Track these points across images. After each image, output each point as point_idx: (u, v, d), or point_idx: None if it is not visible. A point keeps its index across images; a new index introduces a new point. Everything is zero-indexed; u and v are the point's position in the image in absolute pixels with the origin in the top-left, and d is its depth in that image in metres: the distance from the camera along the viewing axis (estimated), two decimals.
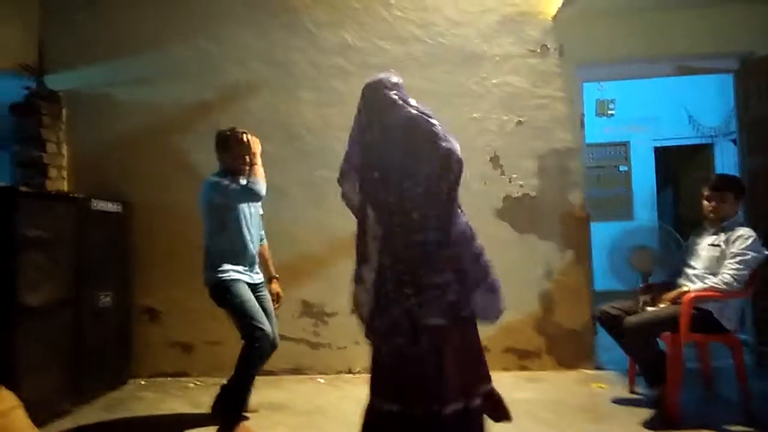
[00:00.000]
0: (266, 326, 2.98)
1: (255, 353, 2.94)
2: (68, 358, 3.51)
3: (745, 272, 3.02)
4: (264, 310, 3.10)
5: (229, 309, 3.06)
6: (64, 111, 4.45)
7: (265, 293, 3.28)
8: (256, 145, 3.12)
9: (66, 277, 3.52)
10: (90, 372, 3.69)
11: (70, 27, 4.48)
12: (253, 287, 3.18)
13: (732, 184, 3.30)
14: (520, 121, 4.23)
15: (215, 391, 3.20)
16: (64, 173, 4.42)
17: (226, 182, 3.05)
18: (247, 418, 3.07)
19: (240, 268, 3.12)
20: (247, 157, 3.10)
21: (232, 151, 3.15)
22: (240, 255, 3.13)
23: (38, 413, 3.07)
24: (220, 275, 3.05)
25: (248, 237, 3.17)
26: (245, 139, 3.13)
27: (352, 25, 4.35)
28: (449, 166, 1.96)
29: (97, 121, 4.45)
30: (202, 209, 3.13)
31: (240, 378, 2.97)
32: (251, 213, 3.22)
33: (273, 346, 3.09)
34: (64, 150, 4.43)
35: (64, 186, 4.39)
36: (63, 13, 4.49)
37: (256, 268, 3.28)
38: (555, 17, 4.18)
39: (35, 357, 3.23)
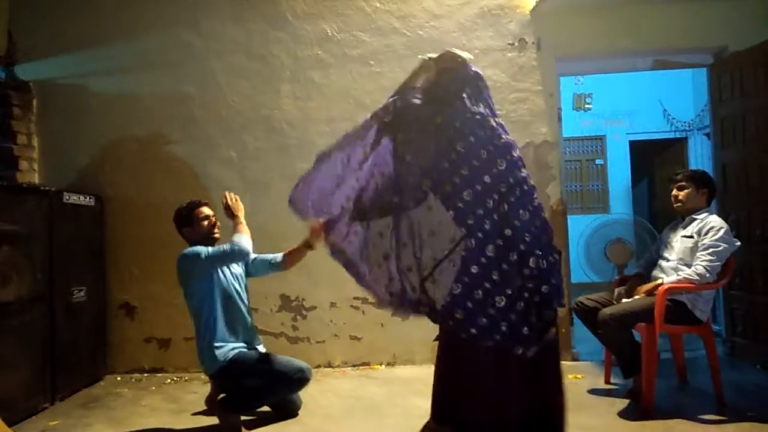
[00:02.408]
0: (298, 364, 2.97)
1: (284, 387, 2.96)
2: (42, 355, 3.44)
3: (718, 263, 3.07)
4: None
5: (251, 381, 2.92)
6: (35, 102, 4.34)
7: None
8: (238, 205, 3.05)
9: (38, 272, 3.43)
10: (65, 368, 3.62)
11: (41, 15, 4.36)
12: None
13: (691, 175, 3.35)
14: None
15: (192, 386, 3.15)
16: (36, 165, 4.32)
17: (202, 248, 2.93)
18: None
19: (237, 344, 2.98)
20: (213, 220, 3.07)
21: (196, 225, 3.05)
22: (234, 326, 2.99)
23: (11, 411, 3.04)
24: (219, 356, 2.88)
25: (240, 305, 3.04)
26: (205, 210, 3.07)
27: (332, 17, 4.31)
28: None
29: (69, 113, 4.34)
30: (182, 285, 3.00)
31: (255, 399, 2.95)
32: (233, 274, 3.09)
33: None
34: (35, 142, 4.33)
35: (36, 178, 4.28)
36: (34, 0, 4.37)
37: (258, 339, 3.15)
38: (533, 11, 4.20)
39: (7, 353, 3.15)
